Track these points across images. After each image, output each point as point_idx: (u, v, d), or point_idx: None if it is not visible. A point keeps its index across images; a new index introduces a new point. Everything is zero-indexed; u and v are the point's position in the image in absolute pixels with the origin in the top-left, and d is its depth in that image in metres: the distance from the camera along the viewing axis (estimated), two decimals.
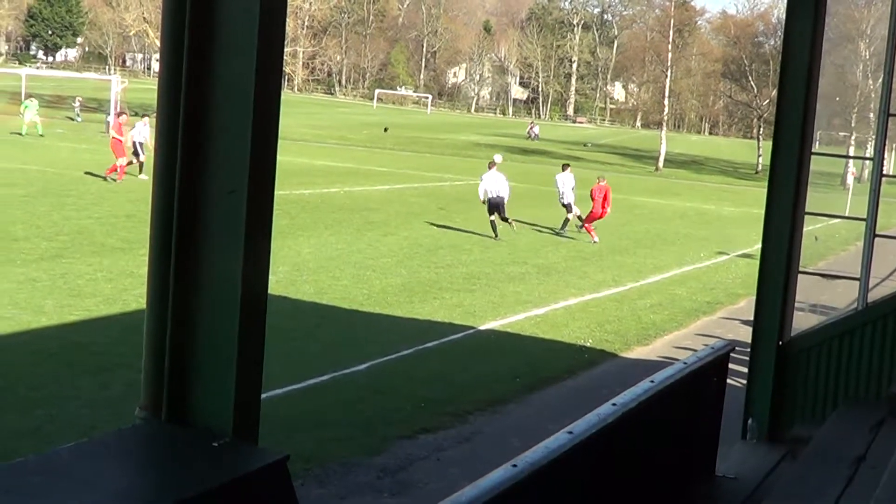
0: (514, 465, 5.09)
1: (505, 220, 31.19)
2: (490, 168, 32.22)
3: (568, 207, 33.96)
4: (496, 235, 30.77)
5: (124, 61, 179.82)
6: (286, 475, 4.36)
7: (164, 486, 4.11)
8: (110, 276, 20.67)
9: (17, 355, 15.18)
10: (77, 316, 17.56)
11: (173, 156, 4.45)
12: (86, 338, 16.31)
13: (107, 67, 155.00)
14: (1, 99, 64.64)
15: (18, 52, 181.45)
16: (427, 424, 13.39)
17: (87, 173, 38.53)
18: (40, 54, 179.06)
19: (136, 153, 39.03)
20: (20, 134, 55.83)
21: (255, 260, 4.37)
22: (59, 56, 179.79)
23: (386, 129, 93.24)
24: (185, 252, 4.39)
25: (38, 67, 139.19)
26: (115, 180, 36.89)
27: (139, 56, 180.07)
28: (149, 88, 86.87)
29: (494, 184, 31.43)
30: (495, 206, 31.21)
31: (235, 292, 4.29)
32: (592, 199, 33.68)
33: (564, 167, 35.55)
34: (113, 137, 38.68)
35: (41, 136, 55.93)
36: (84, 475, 3.86)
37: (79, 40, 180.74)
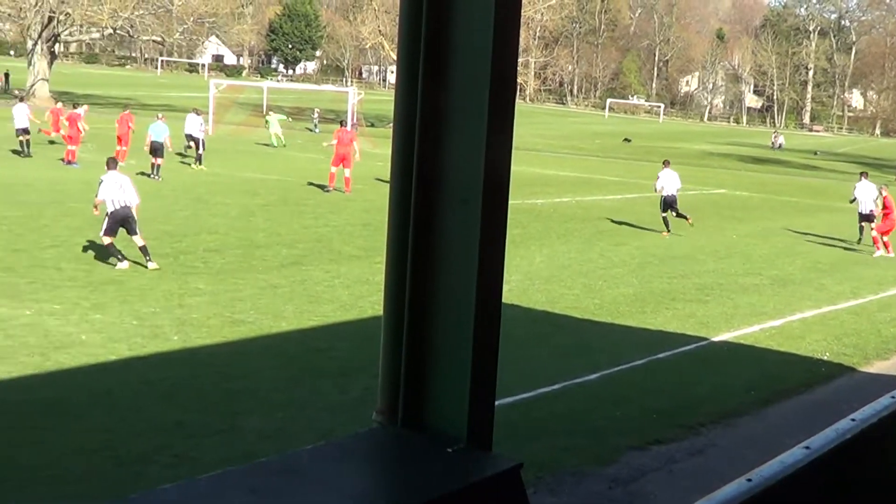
0: (749, 480, 4.98)
1: (681, 216, 32.51)
2: (665, 166, 33.39)
3: (868, 218, 33.06)
4: (668, 230, 32.44)
5: (360, 73, 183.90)
6: (520, 483, 4.36)
7: (399, 490, 4.17)
8: (347, 283, 21.15)
9: (259, 359, 15.69)
10: (315, 321, 18.03)
11: (409, 166, 4.52)
12: (324, 343, 16.73)
13: (344, 79, 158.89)
14: (244, 111, 66.92)
15: (260, 65, 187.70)
16: (659, 436, 13.25)
17: (311, 184, 39.53)
18: (281, 67, 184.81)
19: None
20: (267, 145, 57.91)
21: (489, 269, 4.39)
22: (299, 69, 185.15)
23: (628, 140, 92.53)
24: (421, 260, 4.45)
25: (278, 80, 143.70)
26: (341, 191, 37.57)
27: (374, 68, 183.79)
28: (384, 99, 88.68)
29: (669, 181, 32.45)
30: (669, 203, 32.48)
31: (470, 300, 4.32)
32: (886, 208, 32.40)
33: (862, 175, 34.69)
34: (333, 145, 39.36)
35: (283, 146, 57.88)
36: (322, 477, 3.95)
37: (317, 53, 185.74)
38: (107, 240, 21.19)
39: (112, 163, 22.36)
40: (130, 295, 18.80)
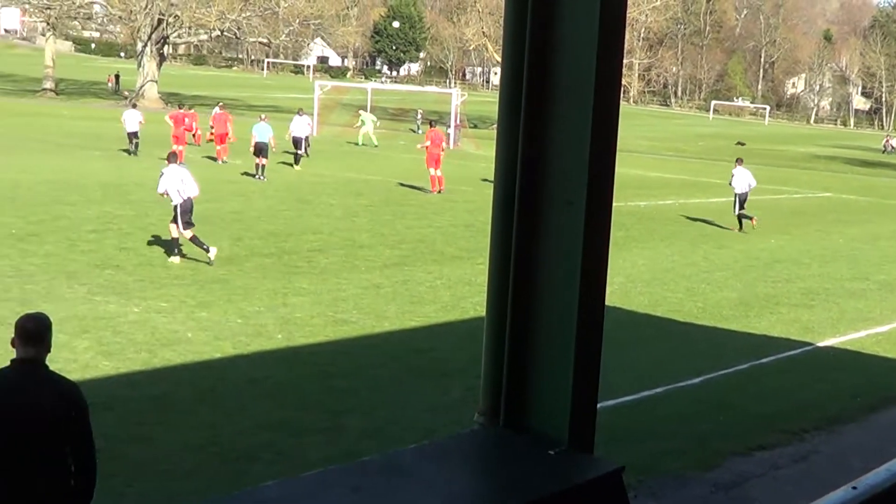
0: (854, 488, 4.91)
1: (746, 216, 33.02)
2: (738, 164, 33.89)
3: None
4: (741, 228, 32.71)
5: (464, 75, 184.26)
6: (621, 486, 4.36)
7: (500, 491, 4.18)
8: (449, 284, 21.21)
9: (361, 359, 15.80)
10: (417, 322, 18.11)
11: (513, 167, 4.53)
12: (426, 343, 16.80)
13: (447, 81, 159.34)
14: (348, 113, 67.43)
15: (364, 67, 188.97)
16: (762, 441, 13.10)
17: (408, 185, 39.68)
18: (385, 69, 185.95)
19: None
20: (356, 144, 58.46)
21: (592, 271, 4.39)
22: (403, 70, 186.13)
23: (742, 143, 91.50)
24: (524, 262, 4.45)
25: (382, 82, 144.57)
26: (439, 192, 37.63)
27: (478, 69, 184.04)
28: (487, 101, 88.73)
29: (742, 180, 33.20)
30: (742, 200, 33.06)
31: (573, 302, 4.32)
32: None
33: None
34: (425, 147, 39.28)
35: (375, 146, 58.43)
36: (425, 477, 3.98)
37: (421, 55, 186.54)
38: (188, 234, 21.50)
39: (172, 157, 22.67)
40: (235, 294, 19.05)
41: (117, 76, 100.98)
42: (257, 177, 38.09)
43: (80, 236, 23.42)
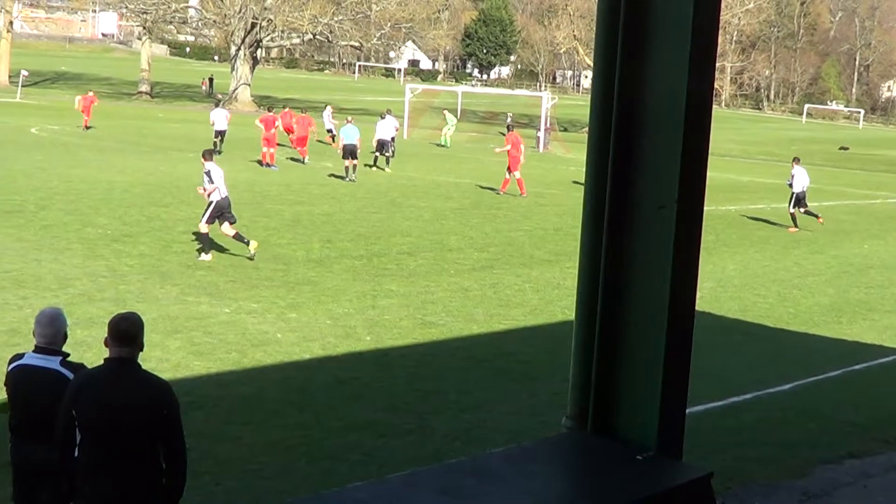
0: None
1: (812, 213, 33.46)
2: (795, 164, 34.08)
3: None
4: (796, 226, 32.99)
5: (554, 78, 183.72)
6: (709, 493, 4.33)
7: (588, 495, 4.18)
8: (537, 288, 21.18)
9: (449, 361, 15.84)
10: (505, 325, 18.11)
11: (603, 171, 4.52)
12: (513, 347, 16.79)
13: (537, 84, 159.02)
14: (438, 116, 67.51)
15: (455, 70, 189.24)
16: (853, 449, 12.90)
17: (482, 187, 39.66)
18: (475, 72, 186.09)
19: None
20: (438, 145, 58.97)
21: (683, 275, 4.37)
22: (493, 74, 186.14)
23: (845, 148, 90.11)
24: (615, 266, 4.44)
25: (473, 85, 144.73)
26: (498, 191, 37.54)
27: (568, 73, 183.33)
28: (577, 105, 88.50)
29: (800, 178, 33.57)
30: (800, 199, 33.45)
31: (663, 307, 4.30)
32: None
33: None
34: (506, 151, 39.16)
35: (447, 146, 59.96)
36: (514, 480, 3.98)
37: (511, 58, 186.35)
38: (205, 228, 21.79)
39: (208, 154, 22.92)
40: (325, 295, 19.18)
41: (211, 79, 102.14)
42: (347, 178, 38.30)
43: (173, 237, 23.75)
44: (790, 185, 33.62)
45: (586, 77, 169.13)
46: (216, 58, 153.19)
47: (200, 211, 24.63)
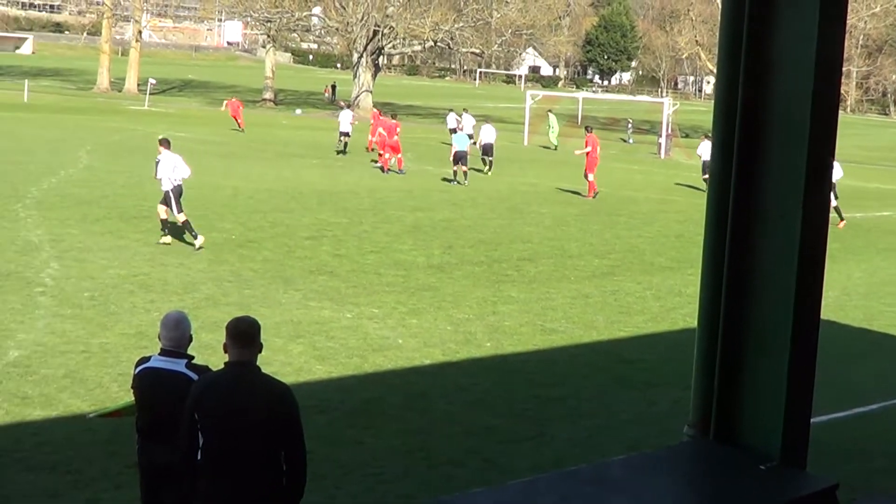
0: None
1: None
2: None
3: None
4: (841, 219, 32.49)
5: (676, 84, 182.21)
6: (835, 503, 4.26)
7: None
8: (658, 295, 21.03)
9: (568, 368, 15.80)
10: (625, 332, 18.01)
11: (727, 179, 4.49)
12: (633, 354, 16.69)
13: (659, 90, 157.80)
14: (559, 122, 67.32)
15: (576, 76, 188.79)
16: None
17: (569, 191, 39.43)
18: (596, 78, 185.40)
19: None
20: (546, 148, 59.31)
21: (807, 284, 4.31)
22: (614, 80, 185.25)
23: None
24: (737, 274, 4.40)
25: (593, 91, 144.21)
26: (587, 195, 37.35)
27: (690, 79, 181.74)
28: (699, 111, 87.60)
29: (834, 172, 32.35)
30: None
31: (787, 316, 4.26)
32: None
33: None
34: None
35: (555, 148, 60.62)
36: (634, 488, 3.97)
37: (632, 64, 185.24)
38: (182, 216, 22.63)
39: (165, 143, 23.31)
40: (445, 301, 19.26)
41: (333, 86, 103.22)
42: (453, 182, 38.60)
43: (296, 243, 24.04)
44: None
45: (708, 83, 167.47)
46: (339, 65, 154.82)
47: (324, 217, 25.00)
